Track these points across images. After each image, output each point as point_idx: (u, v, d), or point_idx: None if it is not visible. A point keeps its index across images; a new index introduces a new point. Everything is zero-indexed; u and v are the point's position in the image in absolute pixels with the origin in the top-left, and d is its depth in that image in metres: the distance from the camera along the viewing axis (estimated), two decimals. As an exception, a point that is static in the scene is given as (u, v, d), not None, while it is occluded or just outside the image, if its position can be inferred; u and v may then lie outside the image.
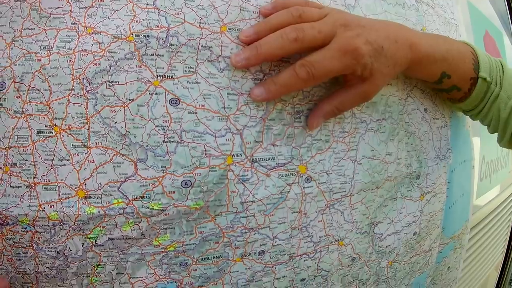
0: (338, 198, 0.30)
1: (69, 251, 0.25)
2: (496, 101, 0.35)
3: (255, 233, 0.27)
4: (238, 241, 0.27)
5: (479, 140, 0.49)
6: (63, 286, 0.26)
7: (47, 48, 0.23)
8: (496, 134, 0.39)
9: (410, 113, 0.33)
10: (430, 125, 0.35)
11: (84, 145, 0.23)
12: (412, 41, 0.28)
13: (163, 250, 0.25)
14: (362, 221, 0.32)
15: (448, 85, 0.33)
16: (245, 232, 0.27)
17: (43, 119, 0.23)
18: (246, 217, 0.26)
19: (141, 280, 0.26)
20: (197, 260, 0.26)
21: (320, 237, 0.30)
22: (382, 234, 0.34)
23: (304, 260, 0.30)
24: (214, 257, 0.27)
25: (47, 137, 0.23)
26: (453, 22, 0.40)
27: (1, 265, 0.25)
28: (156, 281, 0.26)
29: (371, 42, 0.25)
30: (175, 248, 0.26)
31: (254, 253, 0.28)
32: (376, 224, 0.33)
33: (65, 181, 0.24)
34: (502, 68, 0.35)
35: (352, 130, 0.30)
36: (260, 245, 0.27)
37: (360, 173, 0.30)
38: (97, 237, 0.25)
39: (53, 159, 0.24)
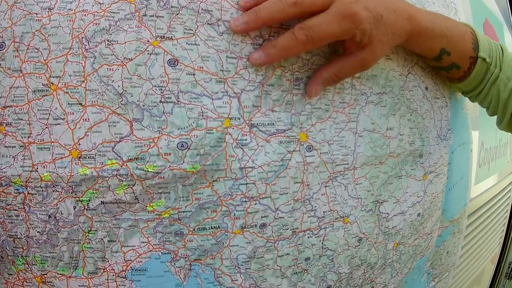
0: (341, 171, 0.27)
1: (60, 214, 0.23)
2: (496, 83, 0.33)
3: (255, 203, 0.24)
4: (238, 210, 0.24)
5: (478, 125, 0.48)
6: (53, 252, 0.23)
7: (48, 9, 0.22)
8: (495, 119, 0.37)
9: (411, 89, 0.32)
10: (431, 104, 0.33)
11: (80, 104, 0.22)
12: (411, 13, 0.27)
13: (158, 216, 0.23)
14: (366, 198, 0.29)
15: (448, 62, 0.32)
16: (245, 201, 0.24)
17: (40, 77, 0.22)
18: (246, 184, 0.24)
19: (134, 249, 0.23)
20: (194, 229, 0.24)
21: (324, 212, 0.27)
22: (388, 214, 0.31)
23: (308, 237, 0.27)
24: (211, 228, 0.24)
25: (43, 96, 0.22)
26: (452, 6, 0.39)
27: None
28: (150, 251, 0.23)
29: (370, 9, 0.24)
30: (170, 215, 0.23)
31: (255, 225, 0.25)
32: (382, 203, 0.30)
33: (59, 140, 0.22)
34: (502, 51, 0.34)
35: (352, 101, 0.28)
36: (262, 217, 0.25)
37: (362, 146, 0.28)
38: (89, 200, 0.23)
39: (48, 118, 0.22)
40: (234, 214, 0.24)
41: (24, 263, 0.24)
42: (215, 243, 0.24)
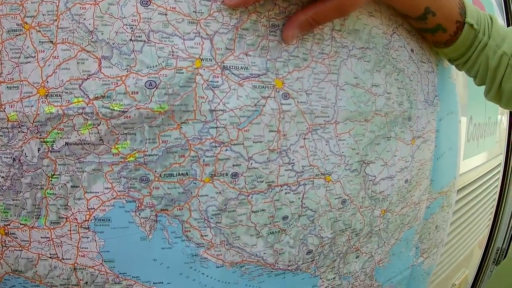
0: (321, 124, 0.24)
1: (25, 157, 0.21)
2: (484, 50, 0.30)
3: (226, 149, 0.22)
4: (207, 156, 0.22)
5: (466, 99, 0.45)
6: (16, 200, 0.21)
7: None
8: (483, 96, 0.34)
9: (397, 49, 0.29)
10: (418, 67, 0.30)
11: (51, 41, 0.21)
12: None
13: (122, 160, 0.21)
14: (351, 156, 0.26)
15: (433, 23, 0.29)
16: (215, 147, 0.22)
17: (15, 18, 0.21)
18: (216, 128, 0.21)
19: (97, 196, 0.21)
20: (160, 175, 0.21)
21: (303, 166, 0.24)
22: (375, 177, 0.28)
23: (286, 193, 0.24)
24: (179, 174, 0.22)
25: (16, 35, 0.21)
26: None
27: None
28: (113, 198, 0.21)
29: None
30: (135, 158, 0.21)
31: (226, 174, 0.22)
32: (368, 164, 0.27)
33: (28, 78, 0.21)
34: (491, 20, 0.31)
35: (332, 53, 0.25)
36: (233, 165, 0.22)
37: (344, 100, 0.25)
38: (53, 142, 0.21)
39: (19, 57, 0.21)
40: (203, 160, 0.22)
41: None
42: (182, 192, 0.22)
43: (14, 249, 0.22)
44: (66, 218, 0.21)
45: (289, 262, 0.25)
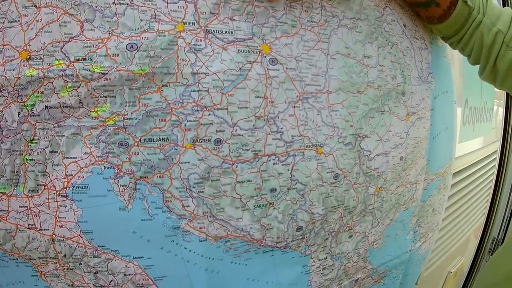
0: (313, 92, 0.23)
1: (5, 122, 0.20)
2: (479, 28, 0.29)
3: (209, 114, 0.21)
4: (189, 121, 0.20)
5: (462, 81, 0.43)
6: None
7: None
8: (478, 80, 0.32)
9: (389, 23, 0.28)
10: (411, 43, 0.29)
11: (35, 6, 0.20)
12: None
13: (102, 123, 0.20)
14: (344, 128, 0.24)
15: (426, -3, 0.28)
16: (197, 111, 0.20)
17: (1, -17, 0.21)
18: (198, 91, 0.20)
19: (75, 162, 0.20)
20: (140, 140, 0.20)
21: (292, 136, 0.22)
22: (370, 152, 0.26)
23: (274, 164, 0.22)
24: (159, 139, 0.20)
25: (1, 1, 0.21)
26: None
27: None
28: (92, 164, 0.20)
29: None
30: (115, 122, 0.20)
31: (209, 140, 0.21)
32: (363, 138, 0.25)
33: (11, 42, 0.20)
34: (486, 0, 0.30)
35: (322, 22, 0.24)
36: (217, 131, 0.21)
37: (335, 69, 0.24)
38: (33, 105, 0.19)
39: (3, 22, 0.20)
40: (185, 124, 0.20)
41: None
42: (163, 158, 0.20)
43: None
44: (44, 186, 0.20)
45: (278, 239, 0.23)
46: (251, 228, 0.22)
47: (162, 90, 0.20)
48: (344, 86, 0.24)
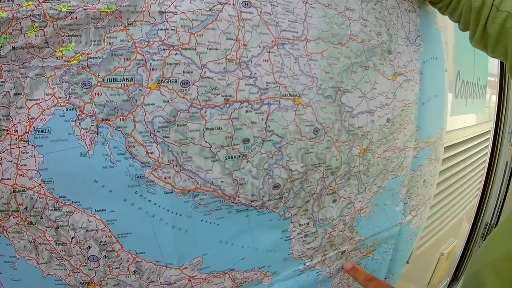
0: (290, 39, 0.23)
1: None
2: None
3: (176, 53, 0.21)
4: (155, 60, 0.21)
5: (453, 53, 0.45)
6: None
7: None
8: (471, 55, 0.34)
9: (373, -22, 0.30)
10: (397, 3, 0.29)
11: None
12: None
13: (66, 63, 0.20)
14: (324, 79, 0.24)
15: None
16: (164, 49, 0.21)
17: None
18: (165, 30, 0.21)
19: (38, 104, 0.21)
20: (103, 80, 0.21)
21: (267, 83, 0.23)
22: (352, 108, 0.27)
23: (247, 111, 0.23)
24: (123, 79, 0.21)
25: None
26: None
27: None
28: (54, 105, 0.21)
29: None
30: (78, 61, 0.21)
31: (175, 81, 0.22)
32: (344, 92, 0.26)
33: None
34: None
35: None
36: (184, 72, 0.21)
37: (314, 18, 0.24)
38: (1, 47, 0.20)
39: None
40: (150, 64, 0.21)
41: None
42: (126, 99, 0.21)
43: None
44: (7, 131, 0.21)
45: (252, 197, 0.23)
46: (222, 182, 0.22)
47: (128, 29, 0.21)
48: (324, 36, 0.24)
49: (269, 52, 0.22)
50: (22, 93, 0.20)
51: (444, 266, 0.67)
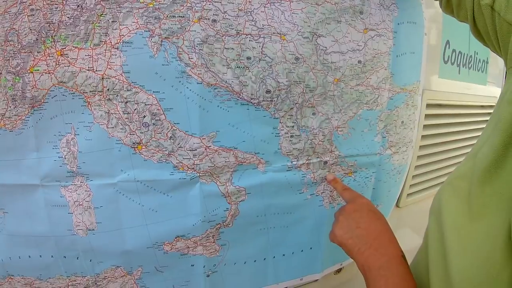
0: None
1: (85, 4, 0.50)
2: None
3: (210, 4, 0.50)
4: (198, 7, 0.49)
5: (440, 23, 0.70)
6: (74, 31, 0.49)
7: None
8: (463, 27, 0.59)
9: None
10: None
11: None
12: None
13: (145, 6, 0.49)
14: (303, 26, 0.52)
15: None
16: (203, 1, 0.50)
17: None
18: None
19: (126, 27, 0.49)
20: (167, 16, 0.49)
21: (263, 24, 0.51)
22: (326, 48, 0.53)
23: (250, 40, 0.50)
24: (179, 16, 0.49)
25: None
26: None
27: (37, 19, 0.50)
28: (136, 28, 0.48)
29: None
30: (153, 5, 0.49)
31: (209, 19, 0.49)
32: (319, 36, 0.53)
33: None
34: None
35: None
36: (213, 15, 0.49)
37: None
38: None
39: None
40: (195, 8, 0.49)
41: (51, 42, 0.50)
42: (180, 27, 0.49)
43: (64, 65, 0.49)
44: (105, 42, 0.49)
45: (252, 95, 0.50)
46: (232, 81, 0.49)
47: (183, -12, 0.50)
48: (304, -2, 0.54)
49: (265, 6, 0.50)
50: (117, 21, 0.48)
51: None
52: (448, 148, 0.81)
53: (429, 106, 0.72)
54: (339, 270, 0.67)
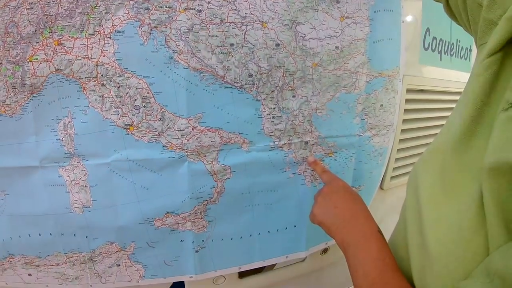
0: None
1: None
2: None
3: None
4: None
5: (420, 12, 0.79)
6: (70, 22, 0.58)
7: None
8: (446, 17, 0.68)
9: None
10: None
11: None
12: None
13: None
14: (283, 15, 0.61)
15: None
16: None
17: None
18: None
19: (118, 18, 0.57)
20: (156, 7, 0.57)
21: (245, 13, 0.59)
22: (305, 35, 0.61)
23: (233, 28, 0.58)
24: (167, 7, 0.57)
25: None
26: None
27: (36, 12, 0.59)
28: (128, 19, 0.57)
29: None
30: None
31: (194, 9, 0.58)
32: (298, 24, 0.61)
33: None
34: None
35: None
36: (199, 5, 0.58)
37: None
38: None
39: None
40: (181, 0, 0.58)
41: (49, 32, 0.58)
42: (168, 17, 0.57)
43: (61, 54, 0.57)
44: (99, 32, 0.57)
45: (235, 79, 0.58)
46: (216, 66, 0.57)
47: (170, -19, 0.58)
48: (284, -10, 0.62)
49: (248, -4, 0.59)
50: (110, 12, 0.57)
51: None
52: (430, 133, 0.90)
53: (410, 91, 0.80)
54: (325, 251, 0.75)
